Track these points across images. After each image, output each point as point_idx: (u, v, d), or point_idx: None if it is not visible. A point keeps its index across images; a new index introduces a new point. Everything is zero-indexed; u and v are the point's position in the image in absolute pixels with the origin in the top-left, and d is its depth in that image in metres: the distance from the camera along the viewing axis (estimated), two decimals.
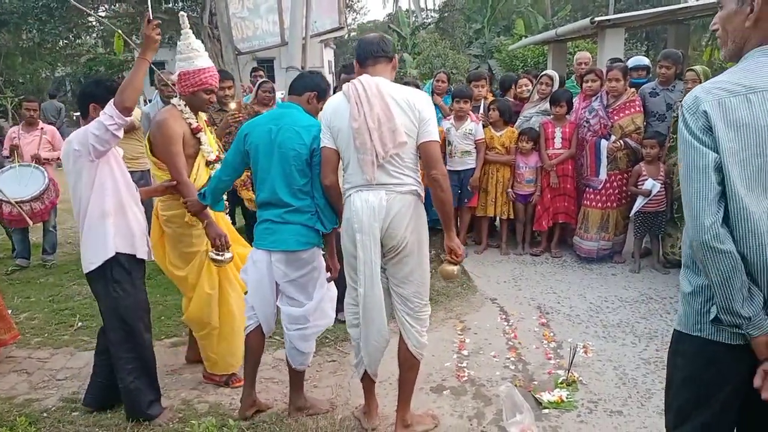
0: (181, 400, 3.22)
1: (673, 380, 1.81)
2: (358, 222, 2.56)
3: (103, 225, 2.78)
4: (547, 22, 21.02)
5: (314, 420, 2.91)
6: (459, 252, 2.68)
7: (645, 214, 5.00)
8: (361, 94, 2.54)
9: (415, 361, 2.76)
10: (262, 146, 2.81)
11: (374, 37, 2.73)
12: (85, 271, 2.88)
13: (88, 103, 2.84)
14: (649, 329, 3.96)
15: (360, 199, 2.57)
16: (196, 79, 3.09)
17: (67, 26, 21.91)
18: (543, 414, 2.99)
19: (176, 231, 3.21)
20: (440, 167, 2.59)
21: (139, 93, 2.75)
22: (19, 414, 3.02)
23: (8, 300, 4.57)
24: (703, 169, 1.56)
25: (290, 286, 2.87)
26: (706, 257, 1.57)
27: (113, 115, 2.61)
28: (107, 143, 2.69)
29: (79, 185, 2.77)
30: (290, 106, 2.93)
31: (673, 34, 11.22)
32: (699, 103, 1.59)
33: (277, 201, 2.81)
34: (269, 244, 2.84)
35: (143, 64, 2.71)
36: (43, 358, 3.82)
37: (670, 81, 5.22)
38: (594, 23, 8.38)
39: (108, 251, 2.79)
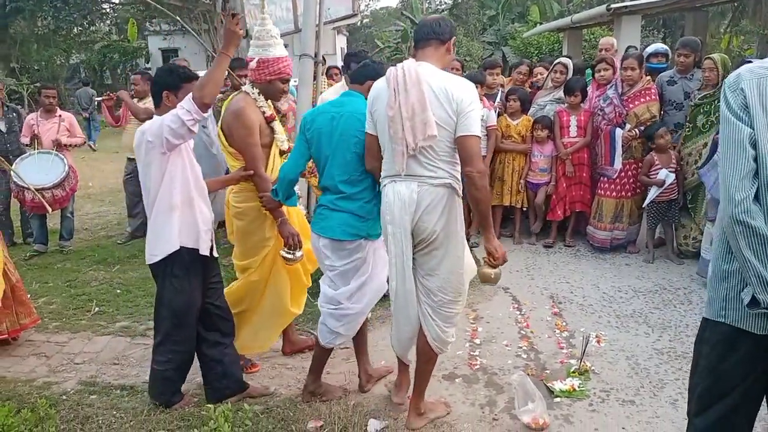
0: (196, 385, 3.26)
1: (698, 367, 1.82)
2: (390, 214, 2.55)
3: (170, 218, 2.77)
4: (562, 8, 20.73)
5: (327, 405, 2.95)
6: (497, 255, 2.58)
7: (658, 203, 4.96)
8: (400, 81, 2.46)
9: (433, 354, 2.75)
10: (324, 133, 2.82)
11: (430, 19, 2.64)
12: (148, 262, 2.88)
13: (161, 91, 2.80)
14: (663, 320, 3.95)
15: (392, 191, 2.54)
16: (275, 68, 3.03)
17: (81, 13, 22.05)
18: (555, 403, 3.00)
19: (249, 224, 3.17)
20: (477, 164, 2.46)
21: (219, 88, 2.73)
22: (40, 396, 3.08)
23: (26, 285, 4.63)
24: (739, 143, 1.58)
25: (331, 271, 2.92)
26: (736, 232, 1.57)
27: (191, 110, 2.56)
28: (182, 137, 2.65)
29: (149, 176, 2.75)
30: (352, 95, 2.93)
31: (691, 21, 11.06)
32: (740, 81, 1.62)
33: (332, 187, 2.84)
34: (319, 229, 2.89)
35: (224, 60, 2.65)
36: (62, 342, 3.89)
37: (689, 69, 5.14)
38: (610, 10, 8.26)
39: (172, 245, 2.78)
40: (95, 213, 7.70)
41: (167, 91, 2.79)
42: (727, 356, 1.70)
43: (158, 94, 2.82)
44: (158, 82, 2.85)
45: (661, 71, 5.40)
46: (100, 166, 11.18)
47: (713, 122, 4.69)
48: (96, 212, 7.75)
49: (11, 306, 3.70)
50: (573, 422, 2.84)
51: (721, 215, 1.67)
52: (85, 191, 8.96)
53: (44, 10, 21.04)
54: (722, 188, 1.63)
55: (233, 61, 5.28)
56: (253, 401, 3.02)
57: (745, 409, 1.73)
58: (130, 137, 6.03)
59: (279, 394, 3.14)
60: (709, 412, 1.75)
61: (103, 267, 5.39)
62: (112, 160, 11.73)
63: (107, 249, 5.92)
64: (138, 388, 3.26)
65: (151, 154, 2.69)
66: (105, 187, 9.29)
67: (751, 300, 1.60)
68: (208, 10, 21.55)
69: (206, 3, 21.79)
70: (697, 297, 4.30)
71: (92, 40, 24.76)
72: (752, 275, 1.56)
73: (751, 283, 1.57)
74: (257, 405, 2.98)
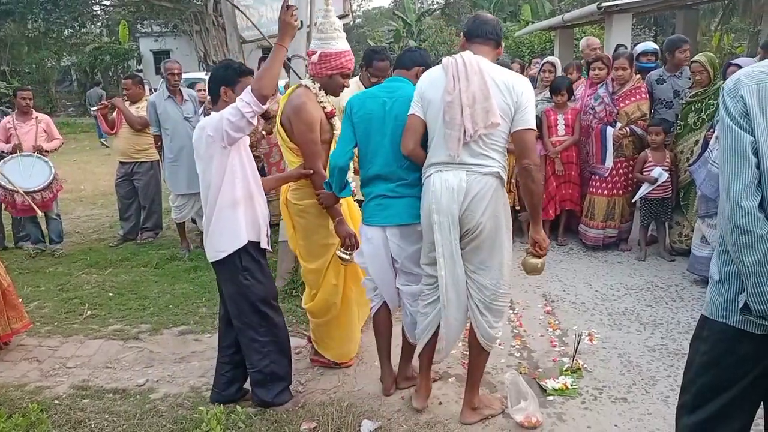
0: (189, 388, 3.26)
1: (694, 363, 1.81)
2: (437, 203, 2.53)
3: (235, 213, 2.76)
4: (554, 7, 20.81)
5: (321, 407, 2.95)
6: (543, 245, 2.63)
7: (651, 200, 4.99)
8: (461, 70, 2.49)
9: (483, 350, 2.76)
10: (375, 118, 2.78)
11: (491, 19, 2.71)
12: (213, 260, 2.84)
13: (219, 87, 2.80)
14: (655, 317, 3.97)
15: (440, 180, 2.54)
16: (337, 62, 2.96)
17: (72, 15, 21.93)
18: (547, 401, 3.00)
19: (312, 222, 3.13)
20: (533, 157, 2.54)
21: (277, 80, 2.72)
22: (31, 401, 3.06)
23: (18, 289, 4.60)
24: (741, 152, 1.55)
25: (407, 261, 2.86)
26: (739, 241, 1.55)
27: (250, 102, 2.55)
28: (241, 130, 2.64)
29: (209, 172, 2.73)
30: (400, 80, 2.90)
31: (682, 19, 11.12)
32: (739, 87, 1.58)
33: (390, 174, 2.79)
34: (383, 220, 2.82)
35: (281, 51, 2.65)
36: (54, 346, 3.87)
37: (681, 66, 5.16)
38: (601, 9, 8.29)
39: (240, 240, 2.77)
40: (87, 216, 7.67)
41: (224, 86, 2.78)
42: (728, 354, 1.70)
43: (215, 90, 2.81)
44: (215, 78, 2.83)
45: (651, 70, 5.42)
46: (92, 169, 11.13)
47: (704, 120, 4.71)
48: (88, 215, 7.72)
49: (2, 310, 3.68)
50: (566, 420, 2.85)
51: (722, 220, 1.65)
52: (77, 194, 8.93)
53: (34, 12, 20.91)
54: (725, 196, 1.59)
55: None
56: (246, 403, 3.02)
57: (742, 407, 1.73)
58: (122, 142, 6.02)
59: None
60: (708, 406, 1.75)
61: (95, 270, 5.37)
62: (103, 163, 11.69)
63: (99, 252, 5.90)
64: (130, 391, 3.25)
65: (211, 148, 2.68)
66: (97, 190, 9.25)
67: (743, 306, 1.60)
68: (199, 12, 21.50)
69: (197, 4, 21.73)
70: (689, 294, 4.33)
71: (83, 43, 24.65)
72: (750, 283, 1.55)
73: (747, 290, 1.57)
74: (250, 407, 2.97)
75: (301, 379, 3.29)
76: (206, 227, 2.83)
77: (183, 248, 5.72)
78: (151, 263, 5.44)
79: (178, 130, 5.44)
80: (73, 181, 9.66)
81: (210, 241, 2.82)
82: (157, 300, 4.57)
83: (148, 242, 6.14)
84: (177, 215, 5.64)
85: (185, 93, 5.58)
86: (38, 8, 20.51)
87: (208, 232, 2.82)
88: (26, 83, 22.13)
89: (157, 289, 4.80)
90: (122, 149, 6.07)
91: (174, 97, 5.45)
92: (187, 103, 5.51)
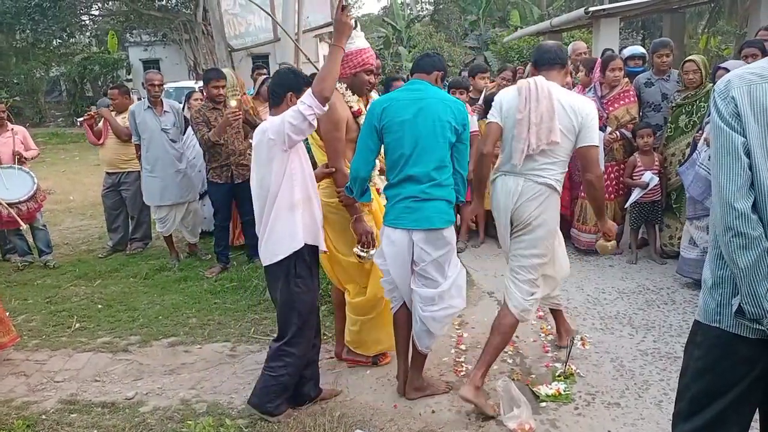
0: (179, 400, 3.22)
1: (689, 369, 1.80)
2: (496, 201, 3.02)
3: (292, 216, 2.76)
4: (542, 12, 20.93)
5: (313, 418, 2.92)
6: (612, 232, 3.16)
7: (641, 204, 5.00)
8: (532, 93, 2.87)
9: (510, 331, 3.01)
10: (407, 121, 2.78)
11: (552, 45, 3.10)
12: (268, 263, 2.83)
13: (284, 92, 2.81)
14: (647, 320, 3.96)
15: (502, 183, 3.00)
16: (359, 60, 3.05)
17: (60, 25, 21.86)
18: (541, 407, 2.99)
19: (345, 217, 3.12)
20: (596, 170, 2.95)
21: (336, 81, 2.74)
22: (18, 417, 3.02)
23: (5, 302, 4.56)
24: (733, 153, 1.54)
25: (430, 266, 2.86)
26: (733, 243, 1.53)
27: (312, 104, 2.58)
28: (303, 133, 2.67)
29: (269, 175, 2.73)
30: (421, 83, 2.90)
31: (669, 22, 11.21)
32: (730, 88, 1.58)
33: (422, 176, 2.79)
34: (411, 223, 2.81)
35: (338, 52, 2.68)
36: (41, 360, 3.81)
37: (668, 69, 5.19)
38: (588, 13, 8.36)
39: (297, 243, 2.77)
40: (76, 227, 7.60)
41: (292, 92, 2.80)
42: (723, 359, 1.68)
43: (280, 94, 2.82)
44: (283, 83, 2.84)
45: (638, 74, 5.45)
46: (81, 180, 11.04)
47: (696, 122, 4.73)
48: (77, 226, 7.65)
49: None
50: (559, 427, 2.83)
51: (714, 222, 1.64)
52: (66, 205, 8.85)
53: (22, 23, 20.81)
54: (717, 198, 1.58)
55: (209, 72, 5.26)
56: (237, 415, 2.99)
57: (739, 412, 1.71)
58: (108, 152, 5.97)
59: None
60: (704, 412, 1.73)
61: (84, 282, 5.31)
62: (92, 173, 11.59)
63: (88, 263, 5.84)
64: (119, 404, 3.21)
65: (272, 151, 2.70)
66: (86, 200, 9.18)
67: (737, 309, 1.58)
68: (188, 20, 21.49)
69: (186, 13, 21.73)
70: (680, 297, 4.33)
71: (72, 53, 24.51)
72: (744, 285, 1.54)
73: (741, 293, 1.55)
74: (241, 419, 2.94)
75: None
76: (262, 231, 2.82)
77: (172, 259, 5.68)
78: (141, 274, 5.39)
79: (154, 140, 5.40)
80: (62, 192, 9.58)
81: (266, 245, 2.81)
82: (147, 311, 4.52)
83: (138, 253, 6.09)
84: (161, 228, 5.61)
85: (167, 104, 5.51)
86: (26, 19, 20.42)
87: (264, 236, 2.82)
88: (15, 94, 22.03)
89: (147, 301, 4.75)
90: (109, 159, 6.01)
91: (153, 107, 5.41)
92: (167, 114, 5.44)
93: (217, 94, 4.98)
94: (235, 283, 4.98)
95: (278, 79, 2.89)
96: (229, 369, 3.56)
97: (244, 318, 4.27)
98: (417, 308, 2.95)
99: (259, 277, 4.96)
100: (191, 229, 5.73)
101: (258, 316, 4.29)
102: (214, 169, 5.08)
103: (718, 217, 1.59)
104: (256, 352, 3.74)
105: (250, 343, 3.88)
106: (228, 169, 5.07)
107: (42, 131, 17.28)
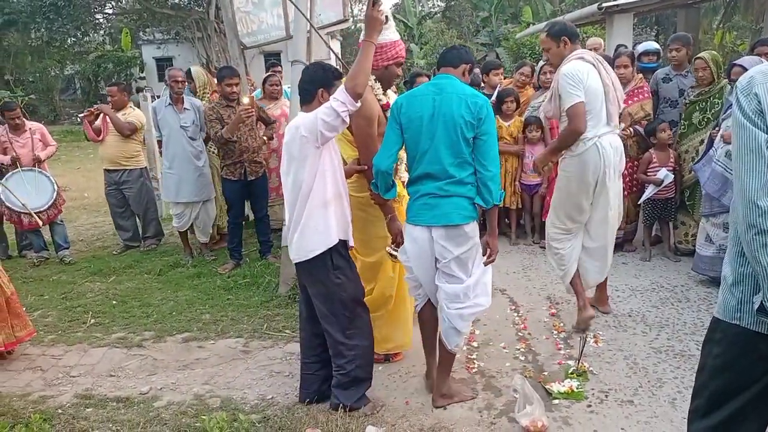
0: (193, 395, 3.25)
1: (707, 366, 1.79)
2: (607, 159, 3.47)
3: (326, 212, 2.75)
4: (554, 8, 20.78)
5: (325, 413, 2.92)
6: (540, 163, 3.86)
7: (654, 201, 4.96)
8: (603, 64, 3.49)
9: None
10: (425, 116, 2.74)
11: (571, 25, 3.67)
12: (303, 259, 2.80)
13: (316, 89, 2.77)
14: (660, 318, 3.93)
15: (606, 142, 3.48)
16: (393, 52, 3.02)
17: (74, 24, 22.08)
18: (553, 405, 2.98)
19: (371, 214, 3.12)
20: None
21: (369, 77, 2.72)
22: (34, 411, 3.06)
23: (22, 298, 4.62)
24: (756, 149, 1.53)
25: (452, 263, 2.79)
26: (756, 240, 1.52)
27: (346, 101, 2.57)
28: (335, 130, 2.66)
29: (302, 172, 2.71)
30: (447, 77, 2.85)
31: (683, 18, 11.09)
32: (753, 84, 1.57)
33: (439, 173, 2.74)
34: (429, 219, 2.77)
35: (370, 48, 2.67)
36: (57, 355, 3.86)
37: (683, 64, 5.14)
38: (602, 9, 8.29)
39: (332, 238, 2.77)
40: (90, 224, 7.69)
41: (322, 89, 2.77)
42: (742, 356, 1.67)
43: (311, 91, 2.79)
44: (314, 79, 2.79)
45: (653, 70, 5.40)
46: (95, 177, 11.12)
47: (709, 119, 4.69)
48: (91, 223, 7.73)
49: (6, 319, 3.68)
50: (572, 424, 2.83)
51: (735, 220, 1.62)
52: (81, 202, 8.95)
53: (37, 21, 21.05)
54: (739, 195, 1.57)
55: (222, 70, 5.28)
56: (250, 410, 3.01)
57: (758, 409, 1.69)
58: (109, 149, 5.97)
59: (276, 402, 3.12)
60: (722, 410, 1.72)
61: (98, 278, 5.37)
62: None
63: (103, 260, 5.90)
64: (134, 399, 3.24)
65: (305, 148, 2.68)
66: (100, 197, 9.19)
67: (759, 306, 1.57)
68: (201, 18, 21.60)
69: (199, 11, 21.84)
70: (695, 294, 4.30)
71: (86, 51, 24.77)
72: (766, 283, 1.52)
73: (764, 290, 1.53)
74: (254, 414, 2.96)
75: None
76: (293, 228, 2.80)
77: (186, 255, 5.72)
78: (154, 270, 5.44)
79: (173, 137, 5.42)
80: (76, 189, 9.69)
81: (299, 241, 2.79)
82: (161, 307, 4.56)
83: (152, 249, 6.14)
84: (177, 223, 5.64)
85: (188, 102, 5.49)
86: (41, 17, 20.64)
87: (296, 232, 2.79)
88: (30, 92, 22.29)
89: (161, 297, 4.80)
90: (110, 156, 5.96)
91: (174, 104, 5.43)
92: (187, 111, 5.43)
93: (230, 92, 4.99)
94: (247, 279, 5.01)
95: (308, 76, 2.84)
96: (242, 364, 3.58)
97: (256, 314, 4.30)
98: (443, 306, 2.90)
99: (271, 273, 4.99)
100: (203, 228, 5.75)
101: (270, 312, 4.32)
102: (227, 166, 5.11)
103: (740, 215, 1.57)
104: (269, 348, 3.76)
105: (262, 339, 3.90)
106: (241, 166, 5.09)
107: (57, 129, 17.45)
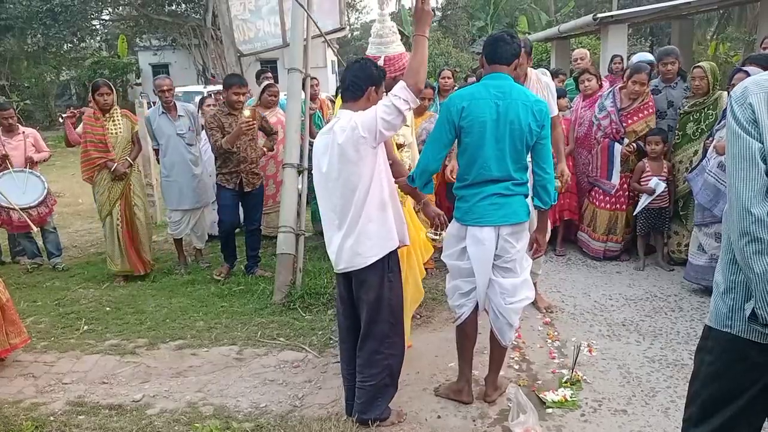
0: (186, 403, 3.24)
1: (700, 374, 1.80)
2: None
3: (385, 214, 2.67)
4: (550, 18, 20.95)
5: (319, 422, 2.92)
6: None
7: (648, 210, 4.98)
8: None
9: None
10: (489, 120, 2.73)
11: None
12: (362, 266, 2.67)
13: (366, 86, 2.68)
14: (654, 327, 3.95)
15: None
16: (400, 64, 3.11)
17: (71, 30, 22.08)
18: (547, 413, 2.98)
19: None
20: None
21: (426, 71, 2.64)
22: (26, 418, 3.04)
23: (15, 304, 4.60)
24: (750, 158, 1.55)
25: (517, 255, 2.87)
26: (749, 248, 1.54)
27: (408, 99, 2.52)
28: (395, 128, 2.59)
29: (356, 174, 2.58)
30: (504, 78, 2.80)
31: (678, 29, 11.18)
32: (747, 94, 1.59)
33: (504, 177, 2.79)
34: (499, 219, 2.79)
35: (423, 41, 2.62)
36: (50, 362, 3.84)
37: (674, 77, 5.17)
38: (597, 20, 8.36)
39: (393, 241, 2.70)
40: (85, 230, 7.66)
41: (375, 86, 2.70)
42: (735, 364, 1.68)
43: (362, 88, 2.68)
44: (368, 76, 2.70)
45: None
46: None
47: (704, 130, 4.72)
48: (86, 229, 7.70)
49: (1, 325, 3.65)
50: None
51: (729, 227, 1.64)
52: (75, 208, 8.91)
53: (34, 27, 21.04)
54: (733, 203, 1.59)
55: (231, 78, 5.26)
56: (243, 418, 3.00)
57: (750, 417, 1.71)
58: None
59: (269, 410, 3.11)
60: (715, 418, 1.73)
61: (92, 284, 5.35)
62: None
63: (97, 266, 5.88)
64: (127, 407, 3.22)
65: (362, 149, 2.55)
66: (94, 203, 9.23)
67: (750, 314, 1.58)
68: (198, 25, 21.65)
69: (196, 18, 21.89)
70: (688, 304, 4.31)
71: (82, 57, 24.76)
72: (758, 290, 1.53)
73: (755, 297, 1.55)
74: (247, 422, 2.95)
75: (298, 393, 3.27)
76: (346, 234, 2.66)
77: (180, 262, 5.69)
78: (148, 277, 5.42)
79: (171, 145, 5.40)
80: (71, 195, 9.64)
81: (355, 247, 2.64)
82: (154, 314, 4.54)
83: None
84: (173, 230, 5.61)
85: (181, 108, 5.47)
86: (37, 23, 20.64)
87: (350, 238, 2.65)
88: (25, 97, 22.23)
89: (154, 304, 4.78)
90: None
91: (168, 113, 5.42)
92: (181, 118, 5.41)
93: (237, 101, 4.97)
94: (242, 286, 5.00)
95: (360, 72, 2.71)
96: (235, 372, 3.57)
97: (251, 322, 4.29)
98: (498, 302, 2.91)
99: (266, 281, 4.98)
100: (200, 234, 5.73)
101: (265, 320, 4.31)
102: (223, 174, 5.09)
103: (734, 222, 1.59)
104: (263, 356, 3.75)
105: (256, 347, 3.89)
106: (237, 176, 5.06)
107: (52, 134, 17.39)
